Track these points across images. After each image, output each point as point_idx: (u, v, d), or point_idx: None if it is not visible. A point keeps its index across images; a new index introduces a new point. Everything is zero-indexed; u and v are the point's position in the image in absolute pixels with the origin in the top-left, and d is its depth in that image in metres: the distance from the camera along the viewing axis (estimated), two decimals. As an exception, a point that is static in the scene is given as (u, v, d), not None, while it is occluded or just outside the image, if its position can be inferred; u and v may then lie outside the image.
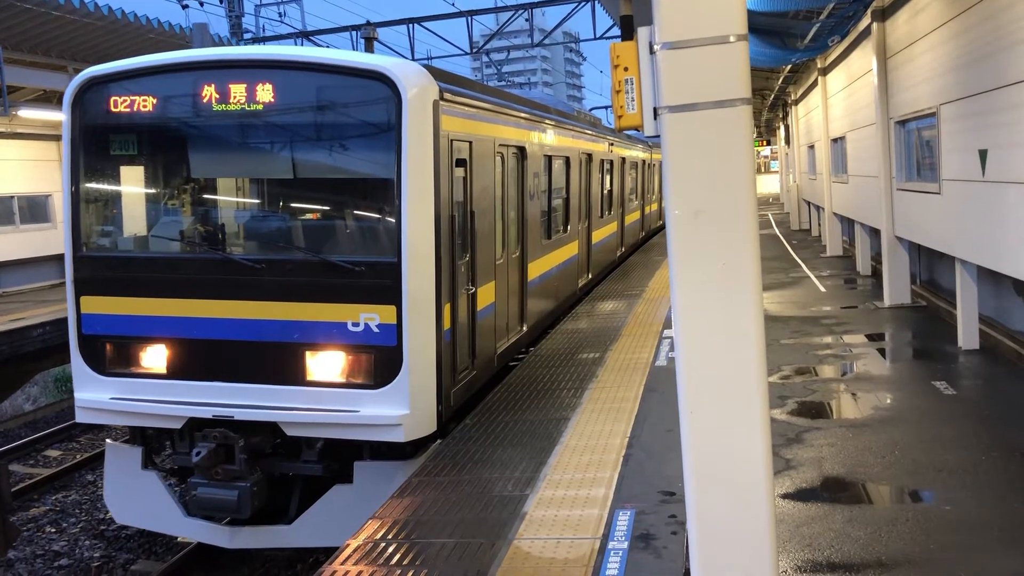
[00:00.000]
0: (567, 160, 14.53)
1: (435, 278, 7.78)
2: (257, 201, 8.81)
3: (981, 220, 9.96)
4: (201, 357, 7.97)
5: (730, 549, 3.95)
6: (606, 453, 7.66)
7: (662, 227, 31.10)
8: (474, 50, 26.43)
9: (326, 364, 7.69)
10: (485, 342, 9.50)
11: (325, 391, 7.67)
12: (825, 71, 22.64)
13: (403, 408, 7.50)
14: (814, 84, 24.49)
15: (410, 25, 24.72)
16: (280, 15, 31.16)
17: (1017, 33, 8.59)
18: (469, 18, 24.97)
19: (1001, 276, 10.42)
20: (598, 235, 18.02)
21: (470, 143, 8.94)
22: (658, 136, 3.96)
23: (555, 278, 13.55)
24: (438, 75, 8.35)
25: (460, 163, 8.70)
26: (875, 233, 17.22)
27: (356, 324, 7.57)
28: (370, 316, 7.54)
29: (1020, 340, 10.83)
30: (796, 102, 32.11)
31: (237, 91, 7.81)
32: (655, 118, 3.98)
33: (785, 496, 6.83)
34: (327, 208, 8.48)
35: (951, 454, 7.61)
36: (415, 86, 7.64)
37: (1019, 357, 10.59)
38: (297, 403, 7.68)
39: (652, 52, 3.92)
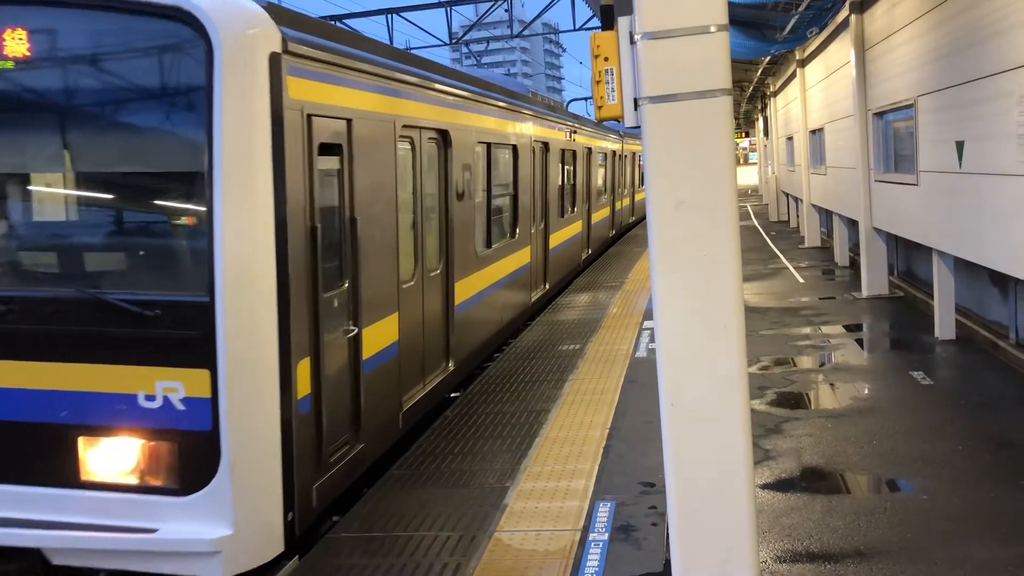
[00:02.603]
0: (515, 149, 12.19)
1: (278, 322, 5.38)
2: (2, 207, 5.85)
3: (958, 211, 10.03)
4: None
5: (711, 540, 3.95)
6: (586, 445, 7.67)
7: (635, 223, 30.91)
8: (453, 41, 26.36)
9: (109, 456, 5.24)
10: (381, 399, 7.10)
11: (109, 497, 5.22)
12: (804, 63, 22.73)
13: (223, 526, 5.05)
14: (792, 76, 24.59)
15: (389, 15, 24.63)
16: (257, 5, 30.82)
17: (994, 25, 8.64)
18: (448, 8, 24.90)
19: (977, 266, 10.51)
20: (557, 238, 15.52)
21: (348, 121, 6.52)
22: (638, 127, 3.95)
23: (498, 295, 11.12)
24: (285, 18, 5.82)
25: (330, 149, 6.31)
26: (853, 224, 17.32)
27: (151, 397, 5.14)
28: (171, 385, 5.12)
29: (995, 330, 10.94)
30: (775, 94, 32.23)
31: None
32: (635, 109, 3.97)
33: (764, 486, 6.86)
34: (107, 219, 5.85)
35: (928, 444, 7.67)
36: (237, 29, 5.21)
37: (994, 347, 10.69)
38: (68, 515, 5.22)
39: (633, 42, 3.91)
